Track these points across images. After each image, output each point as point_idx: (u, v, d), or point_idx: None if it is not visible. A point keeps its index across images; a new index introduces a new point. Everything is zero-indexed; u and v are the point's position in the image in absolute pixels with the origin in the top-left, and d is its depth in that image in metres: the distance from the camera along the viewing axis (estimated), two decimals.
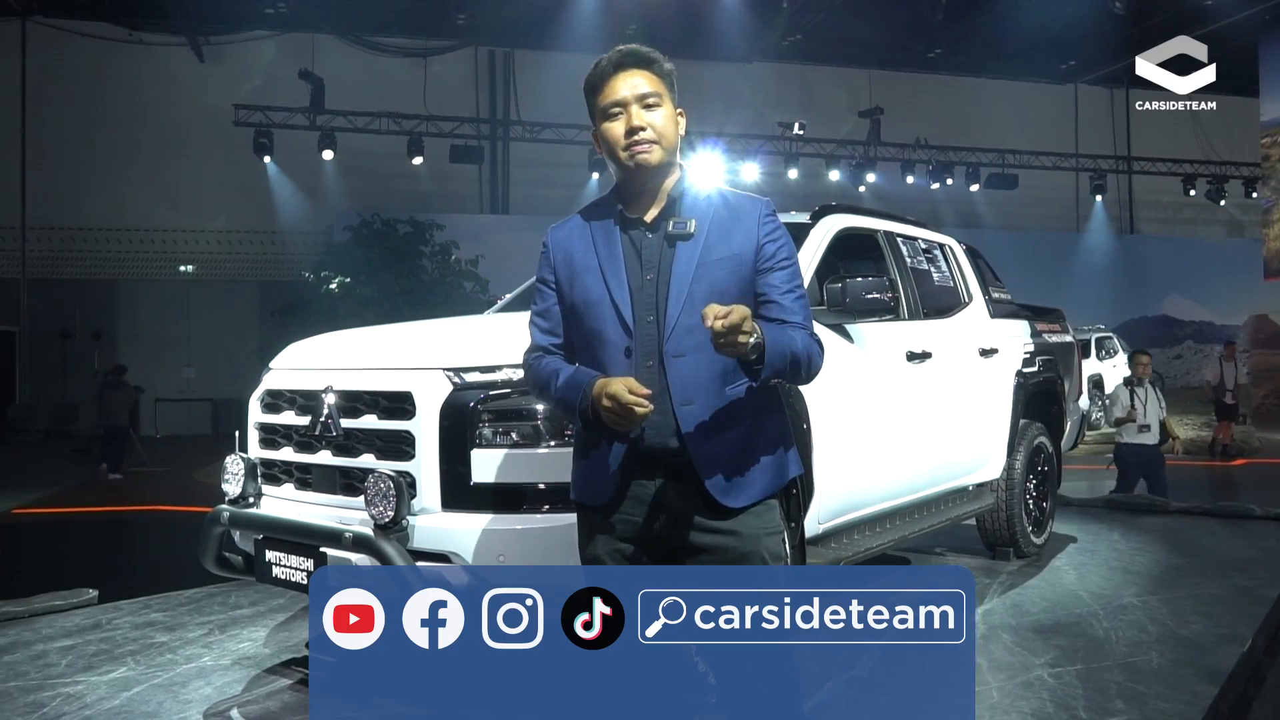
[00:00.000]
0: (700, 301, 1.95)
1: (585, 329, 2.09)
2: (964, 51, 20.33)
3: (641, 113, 2.03)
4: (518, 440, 2.97)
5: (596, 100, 2.09)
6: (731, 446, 1.99)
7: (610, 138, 2.06)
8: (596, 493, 2.07)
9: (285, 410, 3.50)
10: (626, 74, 2.06)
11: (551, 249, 2.19)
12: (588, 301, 2.07)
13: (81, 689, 3.59)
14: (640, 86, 2.04)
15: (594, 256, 2.09)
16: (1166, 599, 4.74)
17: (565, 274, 2.14)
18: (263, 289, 19.32)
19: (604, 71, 2.08)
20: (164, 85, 18.98)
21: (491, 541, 2.91)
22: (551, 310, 2.17)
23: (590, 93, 2.11)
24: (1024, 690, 3.45)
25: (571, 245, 2.15)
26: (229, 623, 4.50)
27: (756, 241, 2.06)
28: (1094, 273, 21.80)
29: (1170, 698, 3.36)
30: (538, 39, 19.11)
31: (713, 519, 1.98)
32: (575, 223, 2.19)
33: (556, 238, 2.19)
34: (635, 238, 2.09)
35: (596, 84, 2.09)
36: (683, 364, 1.98)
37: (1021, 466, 5.51)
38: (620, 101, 2.05)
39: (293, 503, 3.41)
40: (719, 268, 2.02)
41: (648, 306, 2.03)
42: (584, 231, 2.14)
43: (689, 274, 2.01)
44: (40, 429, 18.66)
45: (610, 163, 2.10)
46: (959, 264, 5.42)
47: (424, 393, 3.04)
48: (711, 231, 2.05)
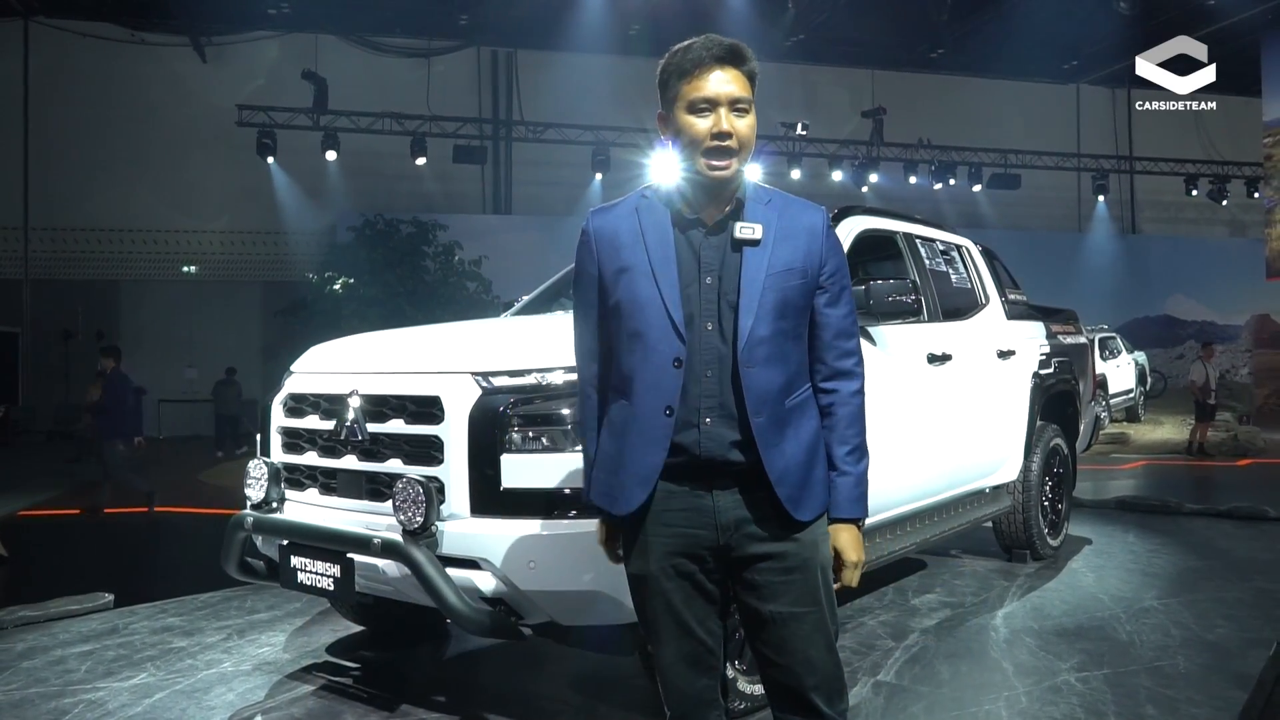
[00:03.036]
0: (771, 313, 1.92)
1: (627, 331, 1.97)
2: (967, 52, 20.32)
3: (731, 117, 1.93)
4: (547, 445, 2.94)
5: (682, 86, 1.94)
6: (798, 459, 1.95)
7: (691, 133, 1.93)
8: (623, 500, 1.97)
9: (309, 414, 3.47)
10: (724, 70, 1.94)
11: (594, 236, 2.06)
12: (634, 302, 1.95)
13: (103, 695, 3.57)
14: (735, 90, 1.93)
15: (643, 254, 1.97)
16: (1188, 602, 4.72)
17: (610, 268, 2.01)
18: (266, 290, 19.29)
19: (699, 60, 1.93)
20: (167, 86, 18.95)
21: (522, 547, 2.88)
22: (595, 318, 2.07)
23: (676, 76, 1.95)
24: (1053, 695, 3.43)
25: (618, 237, 2.02)
26: (247, 627, 4.48)
27: (820, 256, 2.01)
28: (1096, 273, 21.80)
29: (1201, 703, 3.34)
30: (541, 39, 19.09)
31: (778, 528, 1.95)
32: (622, 212, 2.05)
33: (600, 224, 2.06)
34: (693, 239, 1.98)
35: (687, 70, 1.94)
36: (754, 375, 1.92)
37: (1038, 468, 5.50)
38: (712, 100, 1.92)
39: (318, 508, 3.38)
40: (787, 279, 1.95)
41: (708, 313, 1.93)
42: (632, 224, 2.01)
43: (760, 283, 1.93)
44: (42, 430, 18.61)
45: (679, 154, 1.97)
46: (976, 265, 5.41)
47: (453, 397, 3.02)
48: (776, 238, 1.97)
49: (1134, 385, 17.86)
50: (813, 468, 1.98)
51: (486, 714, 3.30)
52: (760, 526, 1.95)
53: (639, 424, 1.94)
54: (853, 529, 2.02)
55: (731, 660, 3.16)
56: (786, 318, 1.96)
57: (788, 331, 1.96)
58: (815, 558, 1.97)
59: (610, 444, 2.02)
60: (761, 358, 1.92)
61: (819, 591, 1.97)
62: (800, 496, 1.95)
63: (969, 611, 4.59)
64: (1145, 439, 15.63)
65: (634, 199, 2.06)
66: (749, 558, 1.96)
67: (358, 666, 3.91)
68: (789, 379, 1.97)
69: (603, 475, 2.04)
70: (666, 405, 1.92)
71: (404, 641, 4.21)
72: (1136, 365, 18.12)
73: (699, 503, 1.96)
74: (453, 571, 2.91)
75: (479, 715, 3.30)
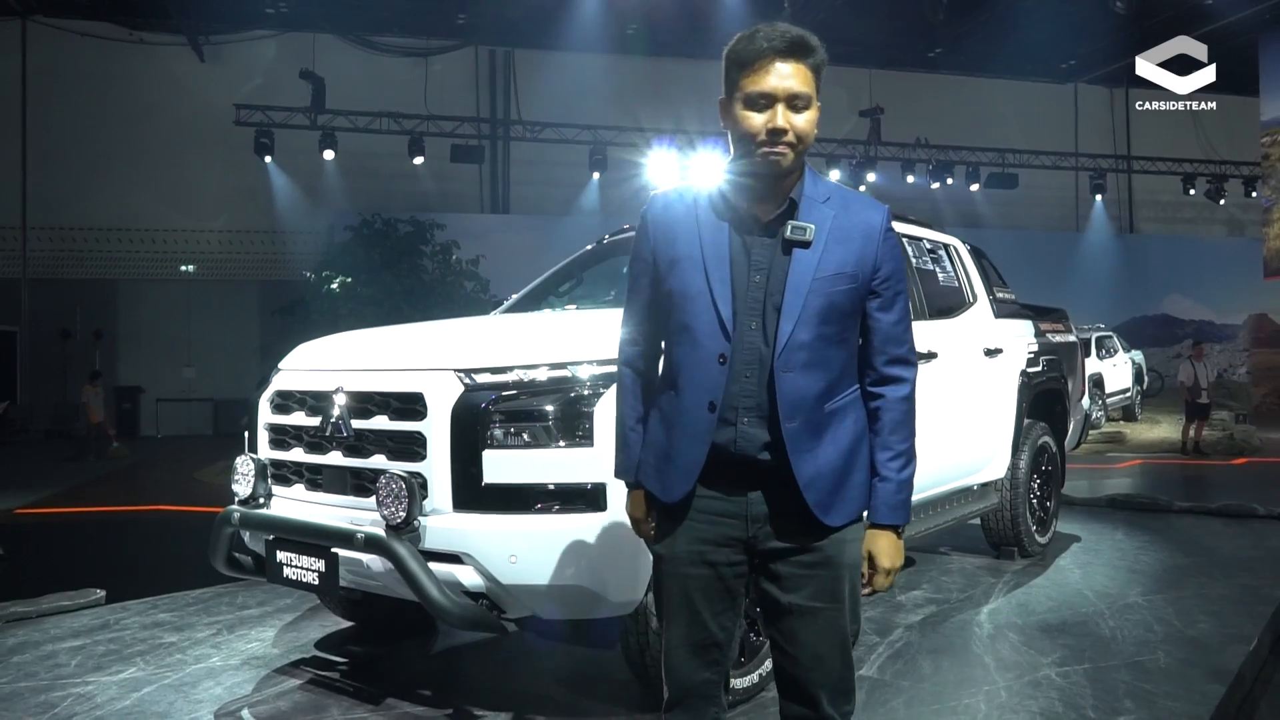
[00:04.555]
0: (814, 318, 1.90)
1: (676, 322, 1.97)
2: (964, 51, 20.34)
3: (788, 114, 1.87)
4: (529, 441, 2.98)
5: (741, 77, 1.89)
6: (833, 464, 1.95)
7: (747, 126, 1.89)
8: (670, 490, 1.99)
9: (295, 411, 3.50)
10: (785, 63, 1.88)
11: (650, 224, 2.06)
12: (685, 294, 1.95)
13: (92, 689, 3.60)
14: (794, 85, 1.87)
15: (697, 246, 1.96)
16: (1172, 598, 4.75)
17: (665, 257, 2.01)
18: (263, 289, 19.32)
19: (761, 51, 1.88)
20: (165, 85, 18.98)
21: (503, 542, 2.92)
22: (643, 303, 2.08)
23: (737, 65, 1.91)
24: (1032, 689, 3.46)
25: (675, 226, 2.01)
26: (237, 623, 4.51)
27: (875, 260, 1.97)
28: (1094, 272, 21.81)
29: (1178, 697, 3.37)
30: (538, 38, 19.12)
31: (806, 528, 1.96)
32: (680, 201, 2.04)
33: (658, 212, 2.05)
34: (745, 235, 1.96)
35: (748, 61, 1.89)
36: (791, 380, 1.90)
37: (1026, 466, 5.53)
38: (770, 94, 1.87)
39: (303, 503, 3.41)
40: (836, 284, 1.92)
41: (752, 312, 1.92)
42: (690, 214, 2.00)
43: (805, 287, 1.90)
44: (41, 429, 18.66)
45: (735, 146, 1.94)
46: (964, 264, 5.44)
47: (435, 394, 3.05)
48: (829, 240, 1.93)
49: (1130, 384, 17.89)
50: (850, 473, 1.97)
51: (471, 707, 3.33)
52: (788, 523, 1.96)
53: (684, 417, 1.96)
54: (890, 535, 2.00)
55: None
56: (831, 323, 1.93)
57: (831, 337, 1.94)
58: (841, 556, 1.97)
59: (659, 433, 2.03)
60: (800, 363, 1.91)
61: (840, 590, 1.98)
62: (830, 502, 1.94)
63: (954, 607, 4.62)
64: (1141, 438, 15.68)
65: (694, 189, 2.05)
66: (774, 551, 1.98)
67: (345, 661, 3.94)
68: (830, 384, 1.95)
69: (653, 460, 2.05)
70: (710, 401, 1.93)
71: (392, 637, 4.24)
72: (1133, 364, 18.15)
73: (732, 496, 1.98)
74: (435, 566, 2.94)
75: (464, 709, 3.33)
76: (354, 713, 3.32)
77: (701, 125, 19.40)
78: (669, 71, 20.26)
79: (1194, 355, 14.48)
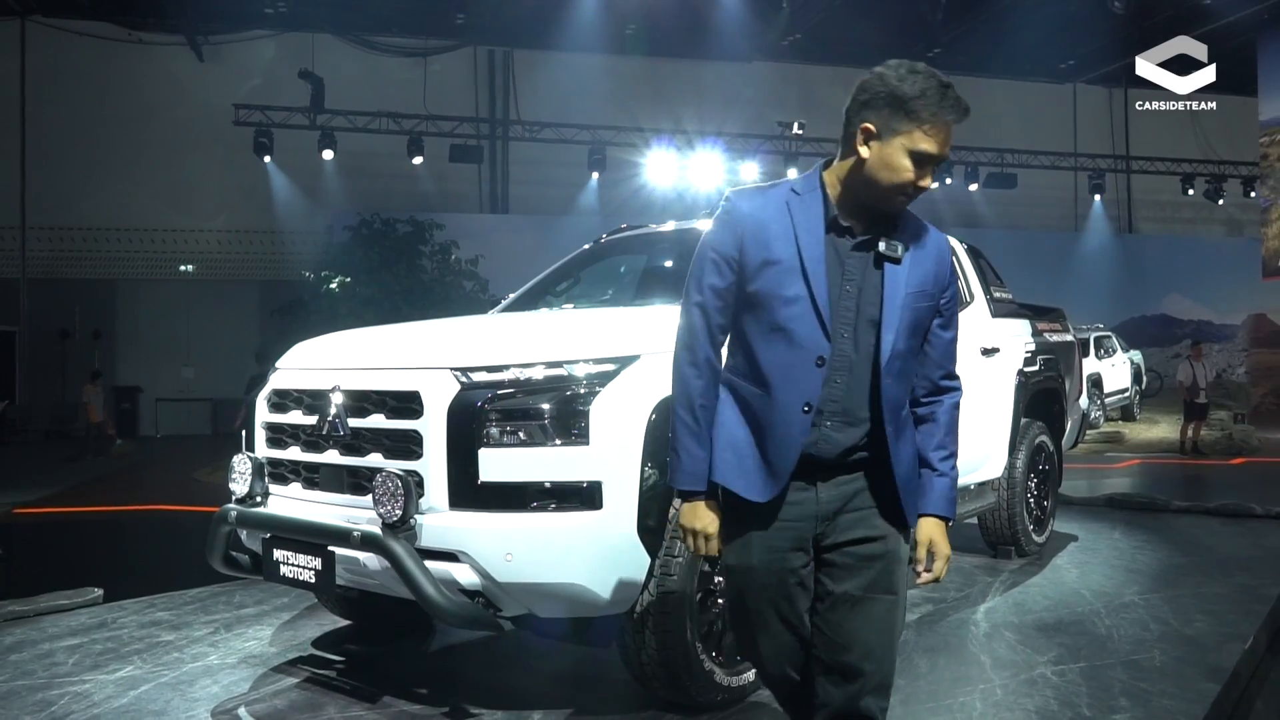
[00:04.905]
0: (906, 330, 2.02)
1: (769, 323, 2.00)
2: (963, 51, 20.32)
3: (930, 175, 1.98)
4: (525, 439, 2.98)
5: (910, 126, 1.92)
6: (911, 466, 2.09)
7: (901, 176, 1.94)
8: (762, 489, 2.02)
9: (292, 410, 3.51)
10: (951, 128, 1.97)
11: (740, 222, 2.05)
12: (781, 297, 1.99)
13: (89, 687, 3.60)
14: (948, 149, 1.99)
15: (794, 251, 1.99)
16: (1169, 597, 4.76)
17: (755, 258, 2.02)
18: (262, 289, 19.31)
19: (937, 107, 1.92)
20: (164, 85, 18.98)
21: (499, 540, 2.92)
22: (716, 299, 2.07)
23: (905, 113, 1.92)
24: (1028, 688, 3.47)
25: (768, 228, 2.02)
26: (234, 621, 4.51)
27: (945, 280, 2.11)
28: (1093, 272, 21.81)
29: (1174, 695, 3.37)
30: (537, 38, 19.13)
31: (872, 519, 2.06)
32: (772, 202, 2.06)
33: (749, 210, 2.05)
34: (840, 245, 2.02)
35: (924, 118, 1.92)
36: (890, 388, 2.02)
37: (1023, 465, 5.54)
38: (936, 158, 1.95)
39: (300, 502, 3.42)
40: (919, 300, 2.05)
41: (845, 321, 2.00)
42: (784, 217, 2.02)
43: (899, 301, 2.01)
44: (40, 429, 18.66)
45: (871, 175, 1.97)
46: (960, 263, 5.44)
47: (432, 392, 3.05)
48: (912, 260, 2.04)
49: (1129, 384, 17.90)
50: (917, 475, 2.11)
51: (468, 706, 3.34)
52: (854, 516, 2.05)
53: (777, 417, 2.00)
54: (944, 525, 2.14)
55: (709, 652, 3.20)
56: (915, 336, 2.07)
57: (915, 349, 2.09)
58: (899, 550, 2.07)
59: (740, 432, 2.06)
60: (896, 371, 2.03)
61: (895, 582, 2.06)
62: (911, 501, 2.08)
63: (951, 606, 4.63)
64: (1140, 438, 15.69)
65: (784, 192, 2.08)
66: (836, 544, 2.06)
67: (342, 659, 3.95)
68: (907, 392, 2.11)
69: (733, 459, 2.05)
70: (806, 402, 1.99)
71: (389, 635, 4.25)
72: (1132, 364, 18.16)
73: (804, 495, 2.05)
74: (431, 564, 2.95)
75: (460, 707, 3.34)
76: (351, 711, 3.33)
77: (701, 125, 19.42)
78: (668, 71, 20.29)
79: (1193, 355, 14.48)
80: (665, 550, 3.06)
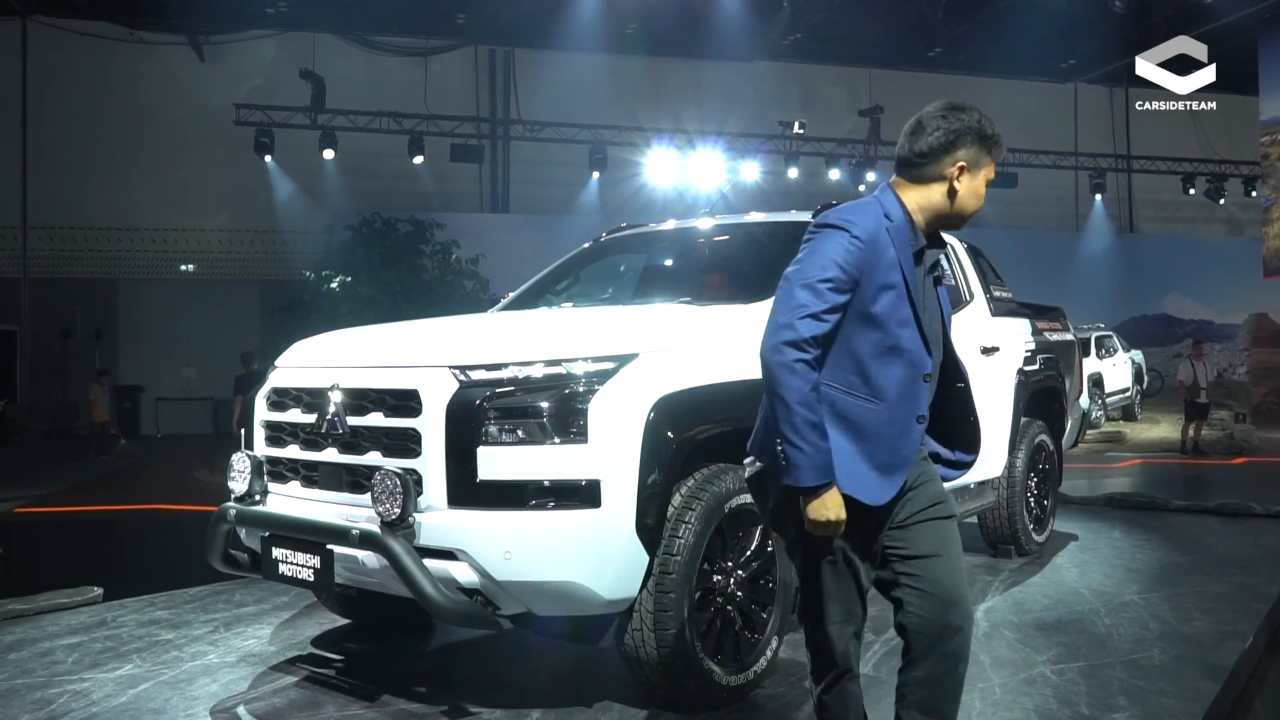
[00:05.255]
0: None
1: (885, 343, 2.16)
2: (964, 50, 20.33)
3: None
4: (523, 437, 2.99)
5: (988, 159, 2.29)
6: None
7: (977, 200, 2.28)
8: (883, 493, 2.18)
9: (291, 408, 3.51)
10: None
11: (865, 247, 2.16)
12: (896, 319, 2.16)
13: (88, 686, 3.60)
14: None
15: (900, 276, 2.17)
16: (1168, 596, 4.76)
17: (874, 281, 2.15)
18: (263, 288, 19.30)
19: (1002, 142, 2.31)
20: (164, 85, 18.97)
21: (497, 538, 2.92)
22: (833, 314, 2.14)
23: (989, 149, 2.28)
24: (1027, 687, 3.47)
25: (883, 254, 2.17)
26: (234, 620, 4.52)
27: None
28: (1093, 271, 21.77)
29: (1173, 694, 3.38)
30: (538, 38, 19.12)
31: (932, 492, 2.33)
32: (882, 225, 2.19)
33: (870, 235, 2.17)
34: (918, 265, 2.25)
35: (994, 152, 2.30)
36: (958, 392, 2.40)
37: (1023, 464, 5.53)
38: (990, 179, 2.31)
39: (299, 500, 3.42)
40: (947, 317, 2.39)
41: (934, 340, 2.27)
42: (887, 240, 2.18)
43: (949, 315, 2.38)
44: (40, 428, 18.66)
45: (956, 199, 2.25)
46: (960, 262, 5.44)
47: (430, 390, 3.06)
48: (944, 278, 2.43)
49: (1130, 384, 17.89)
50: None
51: (466, 704, 3.34)
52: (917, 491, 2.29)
53: (894, 428, 2.18)
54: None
55: (708, 651, 3.20)
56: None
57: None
58: (955, 514, 2.36)
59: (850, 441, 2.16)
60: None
61: (956, 539, 2.31)
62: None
63: None
64: (1141, 437, 15.67)
65: (878, 218, 2.20)
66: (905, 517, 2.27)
67: (341, 658, 3.95)
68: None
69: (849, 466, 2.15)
70: (919, 414, 2.22)
71: (388, 634, 4.25)
72: (1133, 364, 18.15)
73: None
74: (430, 562, 2.95)
75: (459, 705, 3.34)
76: (350, 709, 3.33)
77: (701, 124, 19.41)
78: (668, 71, 20.27)
79: (1194, 355, 14.47)
80: (664, 548, 3.06)
